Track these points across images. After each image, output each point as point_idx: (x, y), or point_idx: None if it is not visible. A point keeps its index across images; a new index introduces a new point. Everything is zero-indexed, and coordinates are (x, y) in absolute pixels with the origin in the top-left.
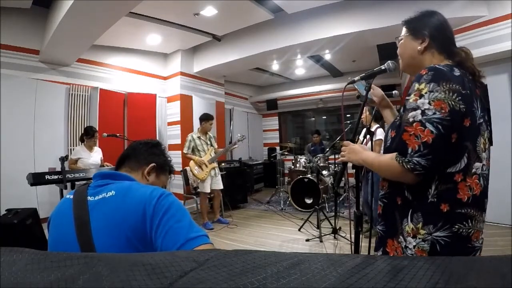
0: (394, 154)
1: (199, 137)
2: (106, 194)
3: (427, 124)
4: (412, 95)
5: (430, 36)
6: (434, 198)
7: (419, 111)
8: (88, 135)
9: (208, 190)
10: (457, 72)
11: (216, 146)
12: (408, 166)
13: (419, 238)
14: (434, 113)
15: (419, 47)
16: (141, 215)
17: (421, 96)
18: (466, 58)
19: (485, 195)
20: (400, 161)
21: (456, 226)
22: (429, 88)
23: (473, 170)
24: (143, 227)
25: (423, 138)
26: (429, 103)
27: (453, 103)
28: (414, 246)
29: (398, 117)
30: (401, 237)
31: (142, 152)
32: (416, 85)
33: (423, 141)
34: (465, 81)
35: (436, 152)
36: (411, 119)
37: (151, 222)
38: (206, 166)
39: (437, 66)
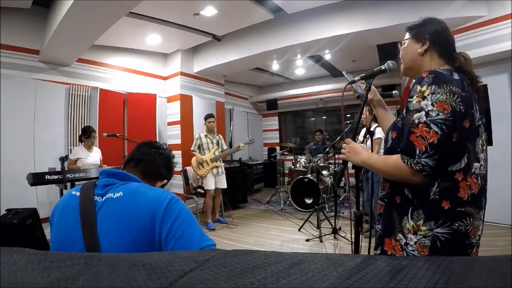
0: (399, 155)
1: (206, 136)
2: (113, 195)
3: (432, 125)
4: (414, 97)
5: (430, 39)
6: (436, 196)
7: (423, 113)
8: (85, 135)
9: (212, 188)
10: (456, 76)
11: (225, 147)
12: (417, 167)
13: (420, 235)
14: (438, 114)
15: (419, 50)
16: (150, 218)
17: (424, 98)
18: (465, 63)
19: (483, 194)
20: (409, 163)
21: (456, 224)
22: (431, 90)
23: (472, 170)
24: (152, 230)
25: (429, 139)
26: (432, 104)
27: (454, 104)
28: (415, 243)
29: (399, 118)
30: (400, 234)
31: (160, 166)
32: (418, 87)
33: (429, 142)
34: (464, 84)
35: (441, 152)
36: (416, 121)
37: (161, 225)
38: (208, 164)
39: (437, 69)
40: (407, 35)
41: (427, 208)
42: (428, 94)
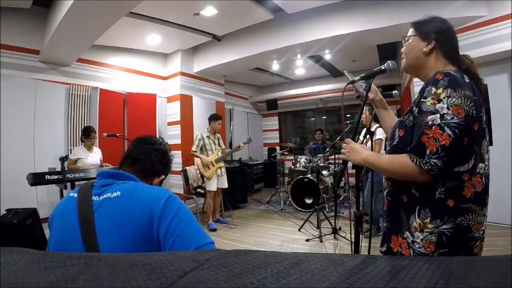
0: (408, 154)
1: (208, 136)
2: (111, 194)
3: (446, 128)
4: (429, 98)
5: (436, 39)
6: (441, 195)
7: (438, 115)
8: (84, 135)
9: (215, 189)
10: (467, 79)
11: (223, 147)
12: (426, 167)
13: (427, 232)
14: (452, 118)
15: (425, 49)
16: (148, 216)
17: (439, 100)
18: (471, 65)
19: (486, 192)
20: (418, 162)
21: (459, 219)
22: (447, 94)
23: (477, 170)
24: (150, 229)
25: (441, 141)
26: (447, 108)
27: (467, 108)
28: (422, 240)
29: (407, 117)
30: (407, 232)
31: (155, 162)
32: (433, 89)
33: (441, 144)
34: (474, 88)
35: (451, 154)
36: (430, 122)
37: (159, 224)
38: (213, 165)
39: (451, 72)
40: (412, 31)
41: (433, 207)
42: (444, 97)
